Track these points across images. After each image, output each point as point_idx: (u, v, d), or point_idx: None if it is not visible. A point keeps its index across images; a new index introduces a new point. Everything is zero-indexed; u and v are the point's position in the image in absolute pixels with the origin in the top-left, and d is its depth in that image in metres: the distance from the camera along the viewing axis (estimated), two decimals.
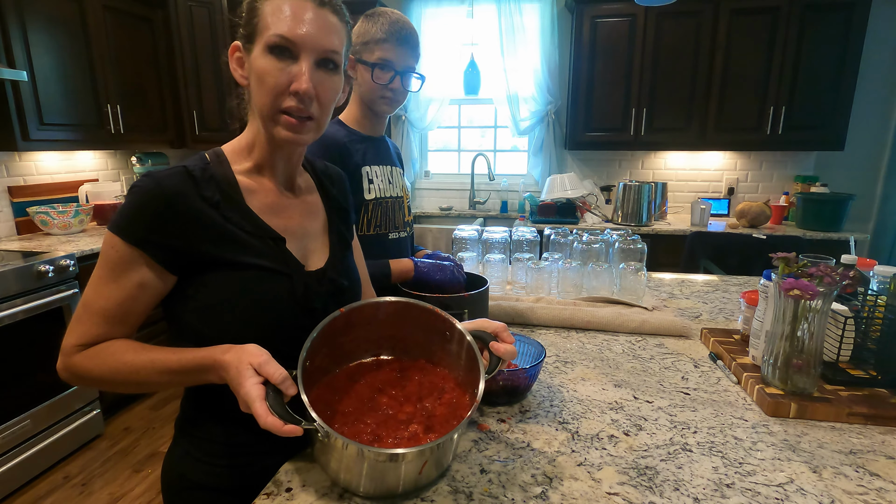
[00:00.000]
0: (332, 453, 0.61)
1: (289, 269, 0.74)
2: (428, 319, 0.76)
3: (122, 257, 0.66)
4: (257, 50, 0.68)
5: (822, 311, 0.83)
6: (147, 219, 0.66)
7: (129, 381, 0.67)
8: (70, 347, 0.69)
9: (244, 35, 0.71)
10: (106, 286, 0.67)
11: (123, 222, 0.66)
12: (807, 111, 2.96)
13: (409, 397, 0.73)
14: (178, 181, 0.67)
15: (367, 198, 1.21)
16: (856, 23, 2.82)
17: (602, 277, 1.43)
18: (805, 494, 0.66)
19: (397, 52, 1.16)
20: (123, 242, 0.66)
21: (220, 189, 0.70)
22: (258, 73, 0.68)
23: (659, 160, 3.47)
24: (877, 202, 3.28)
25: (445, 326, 0.75)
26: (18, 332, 2.00)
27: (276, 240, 0.74)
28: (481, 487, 0.68)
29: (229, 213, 0.70)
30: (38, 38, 2.39)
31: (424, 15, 3.45)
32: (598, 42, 3.09)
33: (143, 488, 2.07)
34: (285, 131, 0.70)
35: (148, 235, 0.66)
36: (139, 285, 0.68)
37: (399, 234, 1.30)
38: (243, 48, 0.71)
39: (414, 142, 3.68)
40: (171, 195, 0.66)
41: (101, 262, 0.68)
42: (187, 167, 0.69)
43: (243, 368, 0.60)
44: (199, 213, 0.68)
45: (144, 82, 3.04)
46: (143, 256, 0.66)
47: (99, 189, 2.98)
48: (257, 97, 0.69)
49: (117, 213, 0.67)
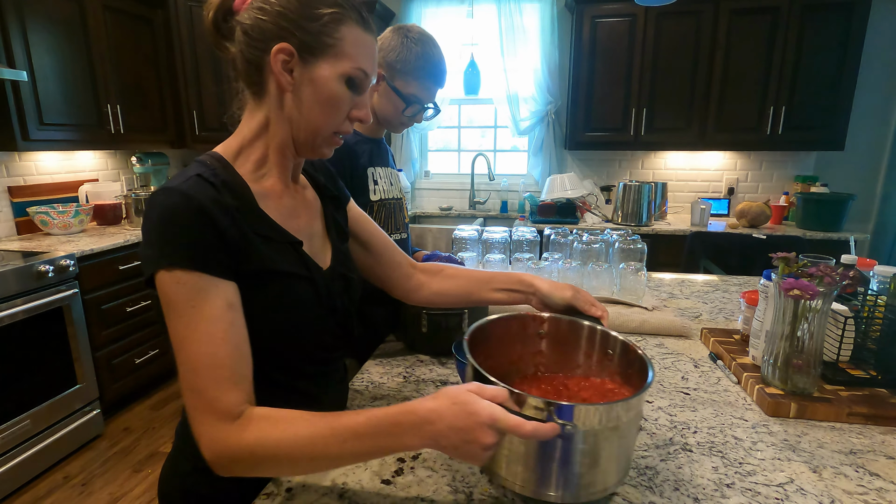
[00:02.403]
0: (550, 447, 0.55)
1: (311, 273, 0.73)
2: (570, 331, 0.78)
3: (193, 288, 0.59)
4: (327, 71, 0.66)
5: (822, 311, 0.83)
6: (196, 236, 0.60)
7: (304, 457, 0.55)
8: (213, 430, 0.56)
9: (304, 44, 0.65)
10: (198, 328, 0.58)
11: (175, 251, 0.59)
12: (807, 111, 2.96)
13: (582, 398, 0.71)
14: (201, 189, 0.62)
15: (373, 199, 1.22)
16: (856, 23, 2.82)
17: (602, 277, 1.43)
18: (805, 494, 0.66)
19: (431, 92, 1.23)
20: (187, 272, 0.58)
21: (234, 195, 0.65)
22: (329, 96, 0.67)
23: (659, 160, 3.47)
24: (877, 202, 3.28)
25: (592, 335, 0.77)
26: (18, 332, 2.00)
27: (295, 244, 0.72)
28: (481, 487, 0.68)
29: (249, 219, 0.66)
30: (38, 38, 2.39)
31: (424, 15, 3.45)
32: (598, 42, 3.09)
33: (143, 488, 2.07)
34: (328, 149, 0.73)
35: (205, 252, 0.60)
36: (228, 307, 0.60)
37: (401, 236, 1.31)
38: (297, 56, 0.65)
39: (414, 142, 3.68)
40: (205, 204, 0.61)
41: (174, 308, 0.59)
42: (200, 174, 0.63)
43: (469, 399, 0.52)
44: (227, 221, 0.63)
45: (144, 82, 3.04)
46: (213, 278, 0.60)
47: (99, 189, 2.98)
48: (317, 117, 0.68)
49: (160, 247, 0.59)
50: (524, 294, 0.89)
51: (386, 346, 1.17)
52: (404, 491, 0.67)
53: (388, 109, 1.21)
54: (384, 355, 1.12)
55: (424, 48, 1.18)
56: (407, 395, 0.93)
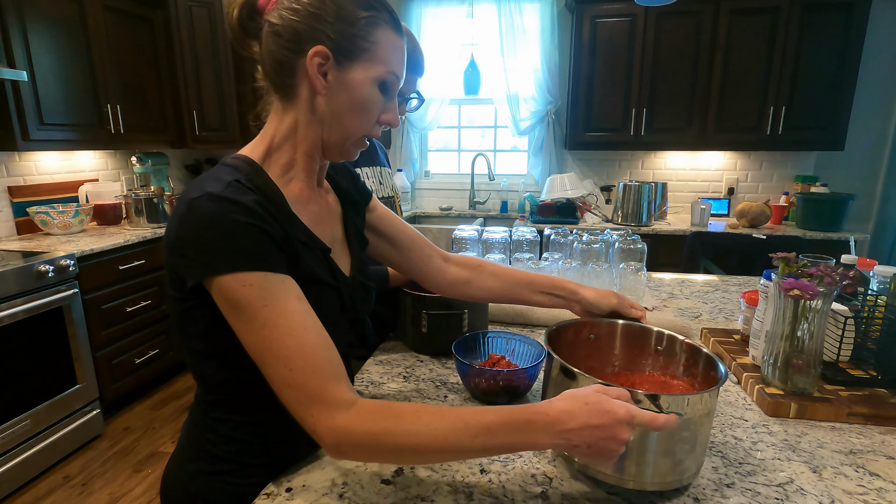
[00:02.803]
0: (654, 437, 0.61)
1: (337, 282, 0.72)
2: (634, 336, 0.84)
3: (261, 287, 0.58)
4: (361, 75, 0.66)
5: (822, 311, 0.83)
6: (252, 239, 0.59)
7: (432, 448, 0.56)
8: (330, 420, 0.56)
9: (340, 47, 0.64)
10: (278, 325, 0.58)
11: (235, 255, 0.58)
12: (807, 111, 2.96)
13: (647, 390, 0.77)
14: (244, 194, 0.61)
15: None
16: (856, 23, 2.82)
17: (602, 277, 1.43)
18: (805, 494, 0.66)
19: (409, 80, 1.19)
20: (252, 273, 0.58)
21: (269, 200, 0.64)
22: (363, 100, 0.67)
23: (659, 160, 3.47)
24: (877, 202, 3.28)
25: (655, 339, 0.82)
26: (18, 332, 2.00)
27: (325, 251, 0.71)
28: (481, 487, 0.68)
29: (284, 223, 0.65)
30: (38, 38, 2.39)
31: (424, 15, 3.45)
32: (598, 42, 3.09)
33: (143, 488, 2.07)
34: (356, 152, 0.73)
35: (265, 253, 0.60)
36: (298, 299, 0.60)
37: None
38: (334, 59, 0.64)
39: (414, 142, 3.68)
40: (253, 208, 0.60)
41: (245, 312, 0.58)
42: (238, 179, 0.62)
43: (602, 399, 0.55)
44: (274, 224, 0.62)
45: (144, 82, 3.04)
46: (276, 275, 0.60)
47: (99, 189, 2.98)
48: (350, 120, 0.68)
49: (217, 251, 0.58)
50: (566, 300, 0.91)
51: (386, 346, 1.17)
52: (404, 491, 0.67)
53: None
54: (384, 355, 1.12)
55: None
56: (407, 395, 0.93)
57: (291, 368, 0.57)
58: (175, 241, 0.60)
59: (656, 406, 0.58)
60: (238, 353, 0.63)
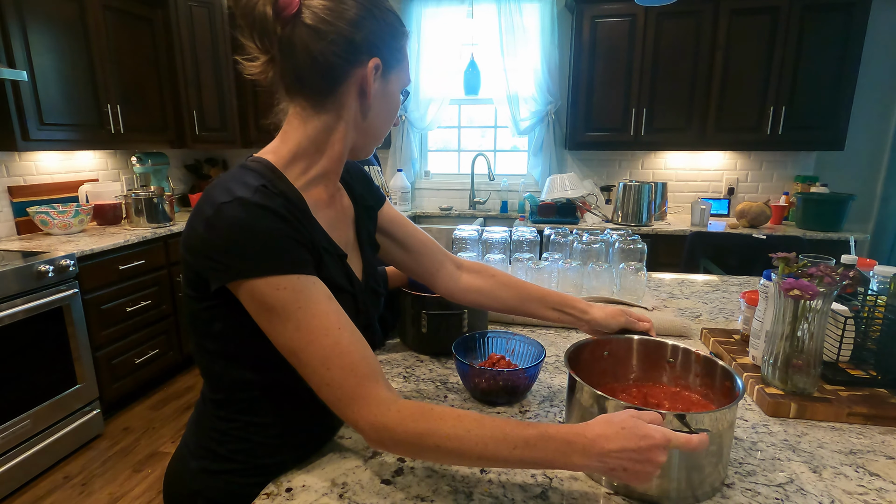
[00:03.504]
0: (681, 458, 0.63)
1: (353, 288, 0.73)
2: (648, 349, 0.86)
3: (294, 290, 0.59)
4: (396, 86, 0.71)
5: (822, 311, 0.83)
6: (282, 243, 0.60)
7: (471, 454, 0.57)
8: (372, 417, 0.59)
9: (387, 59, 0.67)
10: (313, 326, 0.59)
11: (267, 259, 0.59)
12: (807, 111, 2.96)
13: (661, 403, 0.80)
14: (272, 199, 0.61)
15: None
16: (856, 23, 2.82)
17: (602, 277, 1.43)
18: (805, 494, 0.66)
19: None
20: (285, 276, 0.59)
21: (291, 204, 0.64)
22: (394, 104, 0.72)
23: (659, 160, 3.47)
24: (877, 202, 3.28)
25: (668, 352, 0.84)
26: (18, 332, 2.00)
27: (342, 256, 0.72)
28: (481, 487, 0.68)
29: (307, 228, 0.65)
30: (38, 38, 2.39)
31: (424, 15, 3.45)
32: (598, 42, 3.09)
33: (142, 488, 2.07)
34: (372, 151, 0.77)
35: (295, 256, 0.61)
36: (329, 299, 0.62)
37: None
38: (382, 71, 0.67)
39: (414, 142, 3.68)
40: (282, 213, 0.61)
41: (278, 315, 0.59)
42: (264, 184, 0.62)
43: (638, 424, 0.57)
44: (300, 226, 0.63)
45: (144, 82, 3.05)
46: (307, 277, 0.61)
47: (99, 189, 2.98)
48: (382, 122, 0.72)
49: (248, 256, 0.58)
50: (575, 318, 0.93)
51: (386, 346, 1.17)
52: (404, 491, 0.67)
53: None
54: (384, 355, 1.12)
55: None
56: (407, 395, 0.93)
57: (329, 367, 0.59)
58: (201, 243, 0.60)
59: (684, 424, 0.60)
60: (250, 356, 0.64)
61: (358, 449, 0.76)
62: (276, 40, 0.63)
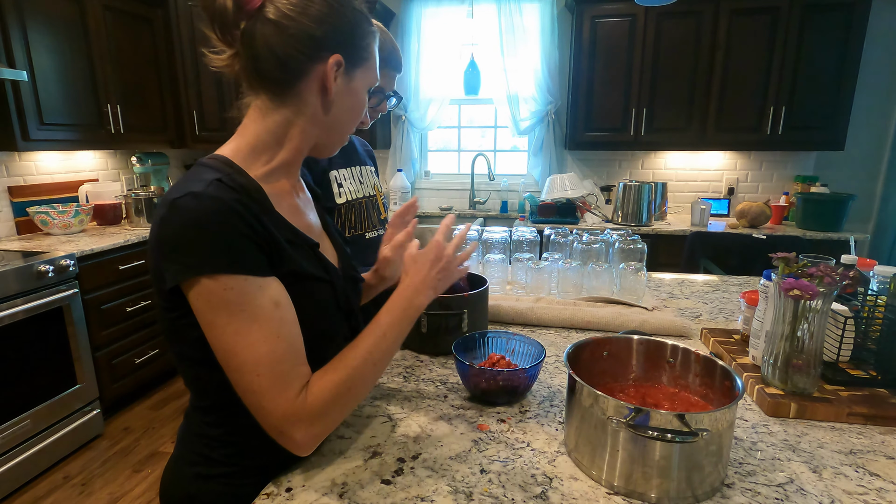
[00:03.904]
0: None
1: (329, 276, 0.73)
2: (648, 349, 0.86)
3: (241, 292, 0.58)
4: (361, 83, 0.71)
5: (822, 311, 0.83)
6: (236, 239, 0.59)
7: (365, 364, 0.65)
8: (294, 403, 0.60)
9: (351, 56, 0.68)
10: (252, 331, 0.59)
11: (219, 256, 0.58)
12: (807, 111, 2.96)
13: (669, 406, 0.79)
14: (228, 193, 0.60)
15: (339, 202, 1.23)
16: (856, 23, 2.82)
17: (602, 277, 1.43)
18: (805, 494, 0.66)
19: (389, 78, 1.21)
20: (232, 276, 0.58)
21: (253, 199, 0.64)
22: (358, 102, 0.72)
23: (659, 160, 3.47)
24: (877, 202, 3.28)
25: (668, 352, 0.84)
26: (18, 332, 2.00)
27: (313, 246, 0.72)
28: (481, 487, 0.68)
29: (269, 222, 0.64)
30: (38, 38, 2.39)
31: (424, 15, 3.45)
32: (598, 42, 3.09)
33: (143, 488, 2.07)
34: (338, 148, 0.77)
35: (247, 254, 0.60)
36: (276, 306, 0.61)
37: (377, 232, 1.32)
38: (345, 67, 0.68)
39: (414, 142, 3.68)
40: (237, 208, 0.60)
41: (221, 314, 0.58)
42: (220, 179, 0.61)
43: (419, 258, 0.73)
44: (257, 224, 0.62)
45: (144, 82, 3.04)
46: (257, 278, 0.60)
47: (99, 189, 2.98)
48: (346, 120, 0.73)
49: (200, 253, 0.57)
50: (376, 274, 0.94)
51: None
52: (404, 491, 0.67)
53: None
54: None
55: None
56: (407, 395, 0.93)
57: (260, 374, 0.59)
58: (156, 241, 0.60)
59: (683, 424, 0.61)
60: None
61: (358, 449, 0.76)
62: (238, 34, 0.64)
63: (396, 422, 0.84)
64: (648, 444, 0.63)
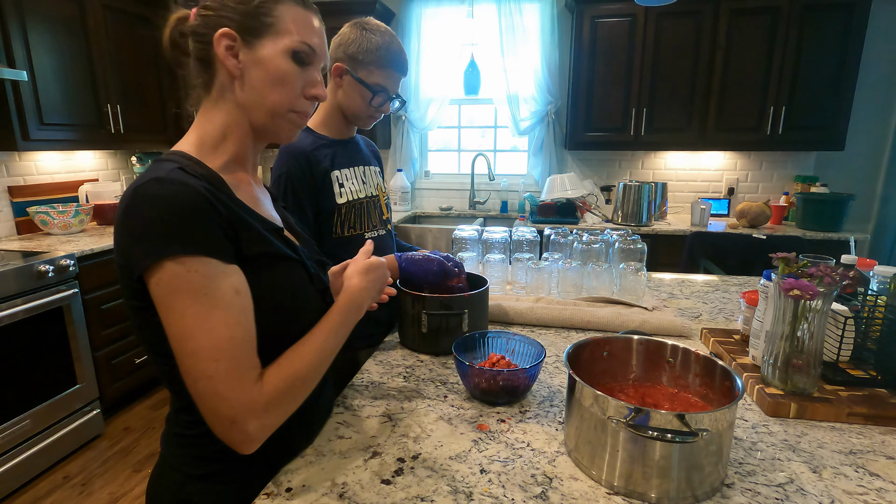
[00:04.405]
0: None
1: (299, 256, 0.76)
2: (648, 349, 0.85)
3: (205, 275, 0.58)
4: (271, 50, 0.69)
5: (822, 311, 0.83)
6: (202, 223, 0.60)
7: (320, 368, 0.69)
8: (251, 392, 0.60)
9: (245, 27, 0.68)
10: (214, 316, 0.58)
11: (185, 239, 0.58)
12: (807, 111, 2.95)
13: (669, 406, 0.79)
14: (189, 178, 0.62)
15: (339, 202, 1.22)
16: (856, 23, 2.82)
17: (602, 277, 1.43)
18: (805, 494, 0.66)
19: (394, 80, 1.22)
20: (199, 259, 0.58)
21: (211, 184, 0.66)
22: (277, 73, 0.69)
23: (659, 160, 3.47)
24: (877, 202, 3.28)
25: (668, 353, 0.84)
26: (18, 332, 2.00)
27: (278, 230, 0.74)
28: (481, 487, 0.68)
29: (232, 206, 0.66)
30: (38, 38, 2.39)
31: (424, 15, 3.45)
32: (598, 42, 3.09)
33: (142, 488, 2.07)
34: (291, 130, 0.74)
35: (213, 238, 0.60)
36: (236, 293, 0.61)
37: (377, 233, 1.31)
38: (241, 39, 0.68)
39: (414, 142, 3.68)
40: (202, 192, 0.61)
41: (182, 297, 0.58)
42: (181, 167, 0.63)
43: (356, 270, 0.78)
44: (222, 208, 0.63)
45: (144, 82, 3.04)
46: (221, 263, 0.60)
47: (99, 189, 2.98)
48: (268, 95, 0.70)
49: (167, 236, 0.57)
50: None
51: (386, 346, 1.17)
52: (404, 491, 0.67)
53: (355, 102, 1.22)
54: (384, 355, 1.12)
55: (383, 38, 1.19)
56: (407, 395, 0.93)
57: (218, 360, 0.58)
58: (121, 232, 0.60)
59: (683, 424, 0.61)
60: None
61: (358, 449, 0.76)
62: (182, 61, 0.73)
63: (396, 422, 0.84)
64: (648, 444, 0.63)
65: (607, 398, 0.66)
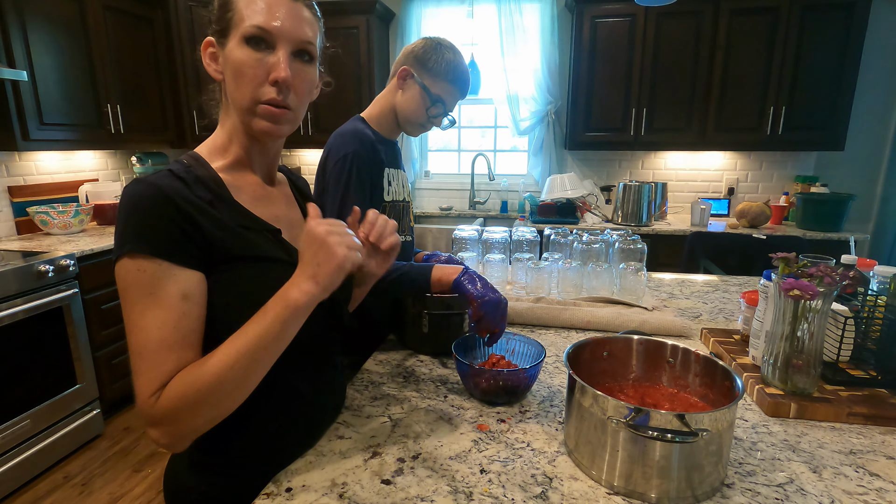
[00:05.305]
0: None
1: (291, 258, 0.73)
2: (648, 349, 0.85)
3: (153, 275, 0.60)
4: (233, 43, 0.68)
5: (822, 312, 0.83)
6: (162, 224, 0.61)
7: (237, 379, 0.60)
8: (148, 400, 0.59)
9: (217, 30, 0.70)
10: (151, 315, 0.60)
11: (139, 238, 0.60)
12: (807, 111, 2.95)
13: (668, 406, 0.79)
14: (170, 181, 0.64)
15: (386, 199, 1.24)
16: (856, 23, 2.82)
17: (602, 277, 1.43)
18: (805, 494, 0.66)
19: (454, 97, 1.24)
20: (149, 259, 0.60)
21: (208, 189, 0.68)
22: (235, 65, 0.68)
23: (659, 160, 3.47)
24: (877, 202, 3.28)
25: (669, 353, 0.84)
26: (18, 332, 2.00)
27: (273, 231, 0.74)
28: (481, 487, 0.68)
29: (223, 210, 0.68)
30: (38, 38, 2.39)
31: (424, 15, 3.45)
32: (598, 42, 3.09)
33: (142, 488, 2.07)
34: (264, 122, 0.70)
35: (169, 241, 0.61)
36: (183, 298, 0.62)
37: (405, 238, 1.31)
38: (217, 43, 0.71)
39: (414, 142, 3.68)
40: (172, 194, 0.63)
41: (130, 294, 0.60)
42: (171, 170, 0.67)
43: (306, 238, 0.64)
44: (199, 210, 0.64)
45: (144, 82, 3.04)
46: (174, 266, 0.61)
47: (99, 189, 2.98)
48: (235, 90, 0.69)
49: (126, 233, 0.60)
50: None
51: (386, 346, 1.17)
52: (404, 491, 0.67)
53: (412, 107, 1.22)
54: (384, 355, 1.12)
55: (456, 56, 1.22)
56: (407, 395, 0.93)
57: (141, 356, 0.60)
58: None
59: (683, 424, 0.61)
60: (208, 343, 0.64)
61: (358, 449, 0.76)
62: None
63: (396, 422, 0.84)
64: (648, 444, 0.63)
65: (607, 398, 0.66)
